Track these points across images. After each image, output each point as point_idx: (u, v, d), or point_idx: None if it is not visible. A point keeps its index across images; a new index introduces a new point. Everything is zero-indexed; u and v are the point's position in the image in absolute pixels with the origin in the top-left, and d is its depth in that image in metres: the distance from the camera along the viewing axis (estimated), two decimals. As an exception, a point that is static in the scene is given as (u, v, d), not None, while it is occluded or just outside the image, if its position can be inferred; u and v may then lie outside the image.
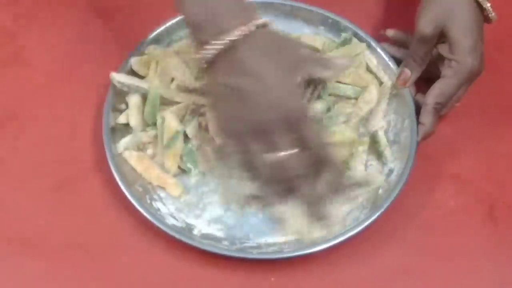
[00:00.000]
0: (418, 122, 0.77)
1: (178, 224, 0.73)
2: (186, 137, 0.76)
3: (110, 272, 0.72)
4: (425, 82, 0.79)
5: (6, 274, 0.71)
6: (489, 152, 0.80)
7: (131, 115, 0.77)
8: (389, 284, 0.72)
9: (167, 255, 0.72)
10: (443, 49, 0.76)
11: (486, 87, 0.84)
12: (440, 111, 0.77)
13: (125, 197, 0.72)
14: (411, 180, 0.74)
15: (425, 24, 0.75)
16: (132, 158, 0.75)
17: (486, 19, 0.77)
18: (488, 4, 0.76)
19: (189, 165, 0.75)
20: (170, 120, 0.75)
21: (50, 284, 0.71)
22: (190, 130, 0.76)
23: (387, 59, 0.81)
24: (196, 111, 0.77)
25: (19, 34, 0.85)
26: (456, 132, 0.81)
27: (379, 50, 0.82)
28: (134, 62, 0.79)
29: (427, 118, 0.76)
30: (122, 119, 0.78)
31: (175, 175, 0.76)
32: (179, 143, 0.75)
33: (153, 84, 0.77)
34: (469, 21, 0.75)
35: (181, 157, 0.76)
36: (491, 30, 0.80)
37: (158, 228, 0.71)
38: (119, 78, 0.77)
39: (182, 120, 0.77)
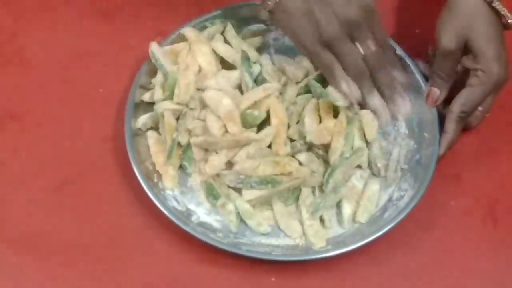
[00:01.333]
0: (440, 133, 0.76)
1: (179, 207, 0.74)
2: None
3: (114, 270, 0.72)
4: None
5: (8, 273, 0.71)
6: (489, 152, 0.80)
7: (155, 91, 0.78)
8: (389, 284, 0.73)
9: (167, 253, 0.73)
10: (467, 61, 0.76)
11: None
12: (465, 120, 0.76)
13: (134, 175, 0.73)
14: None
15: (449, 39, 0.75)
16: (152, 139, 0.76)
17: (506, 25, 0.76)
18: (506, 10, 0.75)
19: (185, 162, 0.76)
20: (169, 118, 0.76)
21: (53, 283, 0.71)
22: (182, 138, 0.75)
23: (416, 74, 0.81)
24: (186, 116, 0.76)
25: (19, 34, 0.85)
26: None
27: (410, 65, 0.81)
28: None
29: (451, 126, 0.76)
30: (146, 97, 0.78)
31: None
32: (176, 150, 0.75)
33: (173, 68, 0.78)
34: (491, 30, 0.74)
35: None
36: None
37: (157, 208, 0.71)
38: (154, 48, 0.78)
39: (177, 118, 0.77)
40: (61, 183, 0.76)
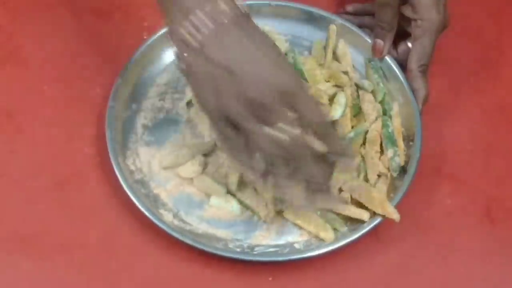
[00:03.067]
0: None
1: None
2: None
3: (108, 271, 0.72)
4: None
5: (4, 272, 0.71)
6: (485, 152, 0.80)
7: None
8: (386, 283, 0.73)
9: (163, 255, 0.72)
10: (406, 10, 0.78)
11: (483, 86, 0.84)
12: (427, 71, 0.78)
13: (125, 193, 0.72)
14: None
15: None
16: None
17: None
18: None
19: None
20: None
21: (47, 283, 0.71)
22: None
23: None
24: None
25: (16, 34, 0.85)
26: (452, 131, 0.81)
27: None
28: None
29: (418, 83, 0.77)
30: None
31: None
32: None
33: None
34: None
35: None
36: (492, 30, 0.80)
37: (154, 224, 0.71)
38: None
39: None
40: (58, 183, 0.76)
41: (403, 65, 0.80)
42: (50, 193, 0.75)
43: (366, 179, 0.75)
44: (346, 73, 0.81)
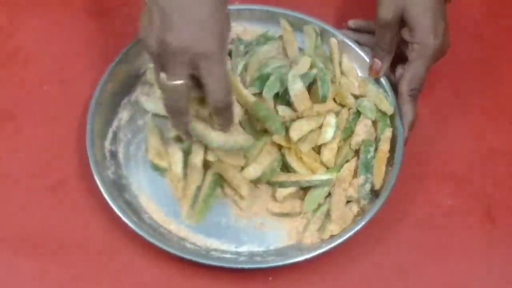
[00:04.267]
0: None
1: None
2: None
3: (100, 272, 0.72)
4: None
5: (4, 272, 0.71)
6: (486, 151, 0.80)
7: None
8: (386, 282, 0.73)
9: (158, 257, 0.72)
10: (405, 33, 0.77)
11: (483, 86, 0.84)
12: (417, 97, 0.77)
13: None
14: (408, 179, 0.75)
15: (386, 10, 0.75)
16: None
17: None
18: None
19: None
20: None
21: (41, 283, 0.71)
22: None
23: (362, 54, 0.81)
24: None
25: (15, 34, 0.85)
26: (453, 131, 0.81)
27: (354, 46, 0.82)
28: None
29: (406, 107, 0.76)
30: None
31: None
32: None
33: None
34: (428, 2, 0.74)
35: None
36: (491, 30, 0.80)
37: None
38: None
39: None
40: (58, 183, 0.76)
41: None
42: (50, 193, 0.75)
43: (328, 214, 0.73)
44: (356, 96, 0.79)
